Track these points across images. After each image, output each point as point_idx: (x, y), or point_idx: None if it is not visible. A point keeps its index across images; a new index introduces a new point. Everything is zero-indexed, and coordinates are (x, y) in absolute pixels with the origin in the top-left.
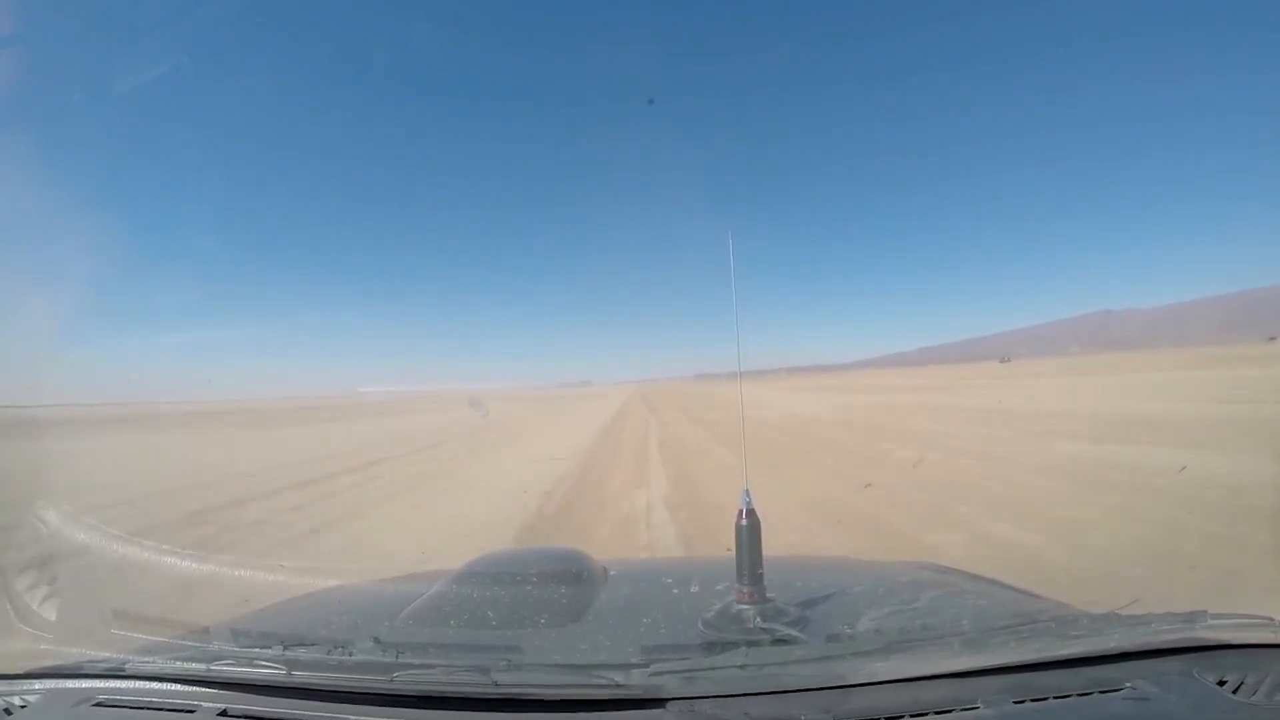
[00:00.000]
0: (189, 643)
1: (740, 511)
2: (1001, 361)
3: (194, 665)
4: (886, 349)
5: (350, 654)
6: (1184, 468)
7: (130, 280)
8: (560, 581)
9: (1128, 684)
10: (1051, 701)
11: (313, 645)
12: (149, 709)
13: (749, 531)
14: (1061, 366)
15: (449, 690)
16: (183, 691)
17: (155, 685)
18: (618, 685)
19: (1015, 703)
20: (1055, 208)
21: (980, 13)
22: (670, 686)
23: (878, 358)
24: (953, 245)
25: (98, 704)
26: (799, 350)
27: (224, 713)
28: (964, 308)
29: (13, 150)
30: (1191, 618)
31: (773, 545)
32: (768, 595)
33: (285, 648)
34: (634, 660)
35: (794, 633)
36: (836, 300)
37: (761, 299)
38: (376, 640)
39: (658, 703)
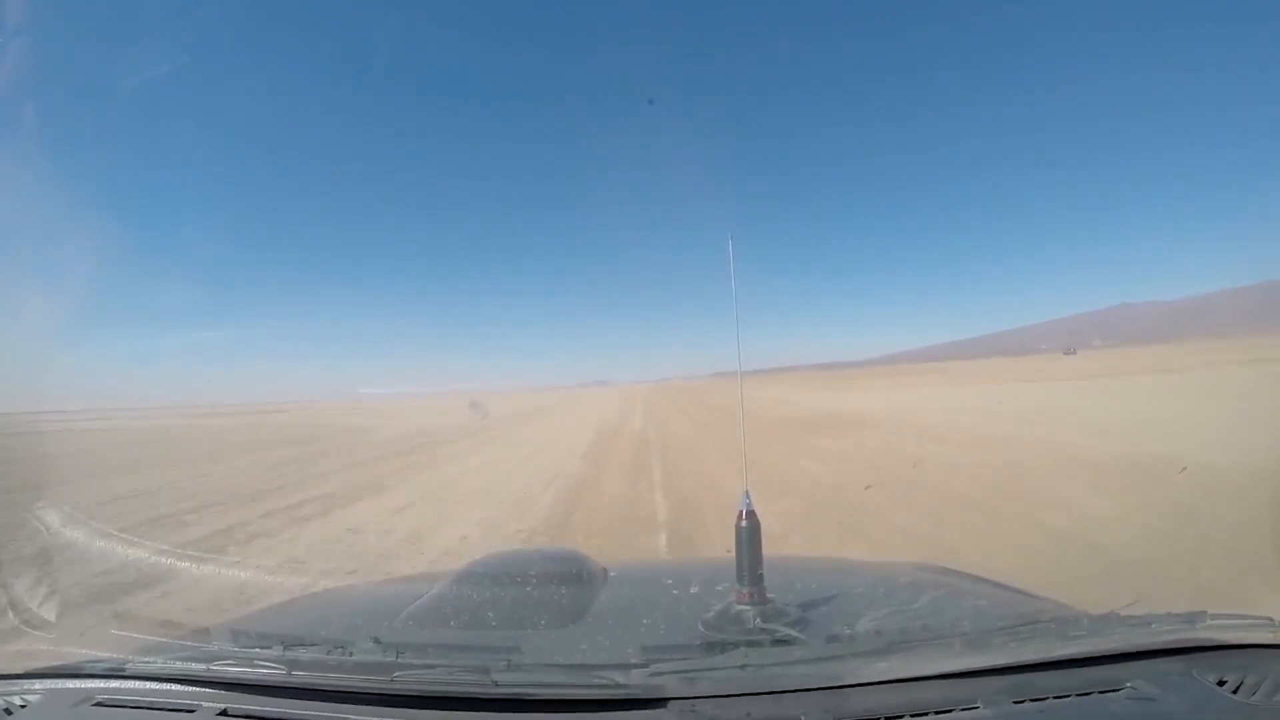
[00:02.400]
0: (189, 643)
1: (740, 513)
2: (1066, 353)
3: (194, 665)
4: (906, 345)
5: (350, 654)
6: None
7: (133, 282)
8: (560, 582)
9: (1128, 684)
10: (1051, 702)
11: (313, 645)
12: (149, 709)
13: (749, 532)
14: (1123, 359)
15: (449, 690)
16: (183, 691)
17: (155, 685)
18: (618, 685)
19: (1015, 703)
20: (1070, 200)
21: (995, 2)
22: (671, 687)
23: (899, 354)
24: (969, 240)
25: (98, 704)
26: (814, 348)
27: (224, 712)
28: (981, 303)
29: (19, 150)
30: (1191, 618)
31: None
32: (768, 596)
33: (285, 648)
34: (634, 660)
35: (794, 633)
36: (853, 297)
37: (778, 297)
38: (376, 640)
39: (658, 703)
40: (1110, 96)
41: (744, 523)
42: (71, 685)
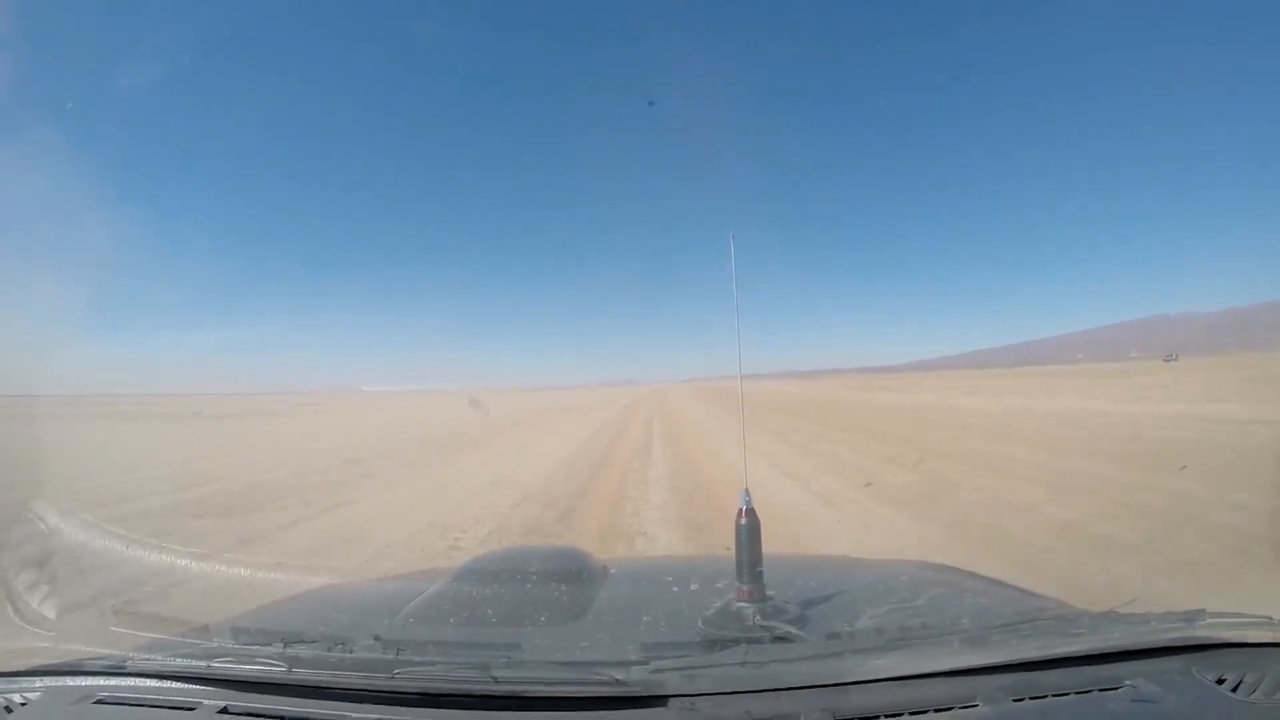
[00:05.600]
0: (189, 640)
1: (740, 510)
2: (1166, 360)
3: (194, 662)
4: (937, 352)
5: (351, 651)
6: None
7: (143, 278)
8: (560, 579)
9: (1127, 682)
10: (1051, 700)
11: (313, 642)
12: (149, 706)
13: (748, 530)
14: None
15: (449, 687)
16: (183, 689)
17: (156, 683)
18: (618, 683)
19: (1015, 700)
20: (1106, 208)
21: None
22: (671, 684)
23: (929, 360)
24: (1004, 247)
25: (98, 701)
26: (843, 352)
27: (225, 710)
28: (1014, 311)
29: (28, 147)
30: (1191, 616)
31: None
32: (767, 593)
33: (286, 645)
34: (634, 658)
35: (794, 630)
36: (883, 300)
37: (813, 301)
38: (377, 638)
39: (658, 700)
40: (1148, 102)
41: (743, 520)
42: (72, 683)
